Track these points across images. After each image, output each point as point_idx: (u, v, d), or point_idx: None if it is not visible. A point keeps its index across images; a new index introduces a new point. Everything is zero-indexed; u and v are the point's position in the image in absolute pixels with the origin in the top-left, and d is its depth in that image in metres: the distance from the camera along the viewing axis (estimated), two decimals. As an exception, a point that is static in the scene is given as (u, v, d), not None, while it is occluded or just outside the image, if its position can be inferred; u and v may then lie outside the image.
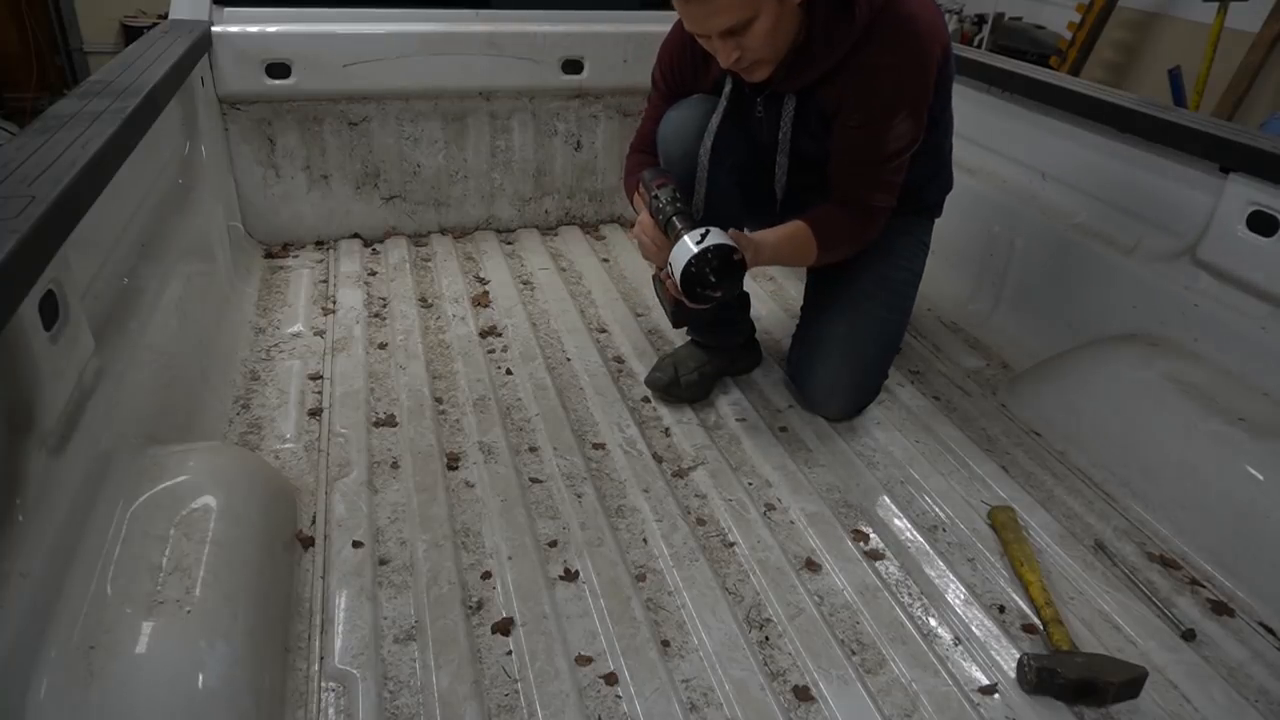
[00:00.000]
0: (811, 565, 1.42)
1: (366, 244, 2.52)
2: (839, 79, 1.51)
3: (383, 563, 1.36)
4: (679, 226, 1.48)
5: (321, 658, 1.19)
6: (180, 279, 1.71)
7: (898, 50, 1.47)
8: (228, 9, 2.21)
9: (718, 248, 1.42)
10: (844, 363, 1.76)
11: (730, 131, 1.66)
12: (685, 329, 1.93)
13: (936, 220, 1.87)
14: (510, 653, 1.22)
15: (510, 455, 1.62)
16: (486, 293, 2.25)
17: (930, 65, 1.50)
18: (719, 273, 1.44)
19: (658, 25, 1.74)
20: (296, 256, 2.42)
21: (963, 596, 1.36)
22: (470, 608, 1.29)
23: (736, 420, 1.79)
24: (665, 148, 1.70)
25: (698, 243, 1.42)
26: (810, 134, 1.61)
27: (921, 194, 1.75)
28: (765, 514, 1.52)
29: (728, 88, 1.64)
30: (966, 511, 1.55)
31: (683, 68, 1.70)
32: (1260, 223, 1.59)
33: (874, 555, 1.45)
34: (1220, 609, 1.37)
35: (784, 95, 1.58)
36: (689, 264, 1.42)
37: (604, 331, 2.11)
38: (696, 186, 1.68)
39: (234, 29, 2.19)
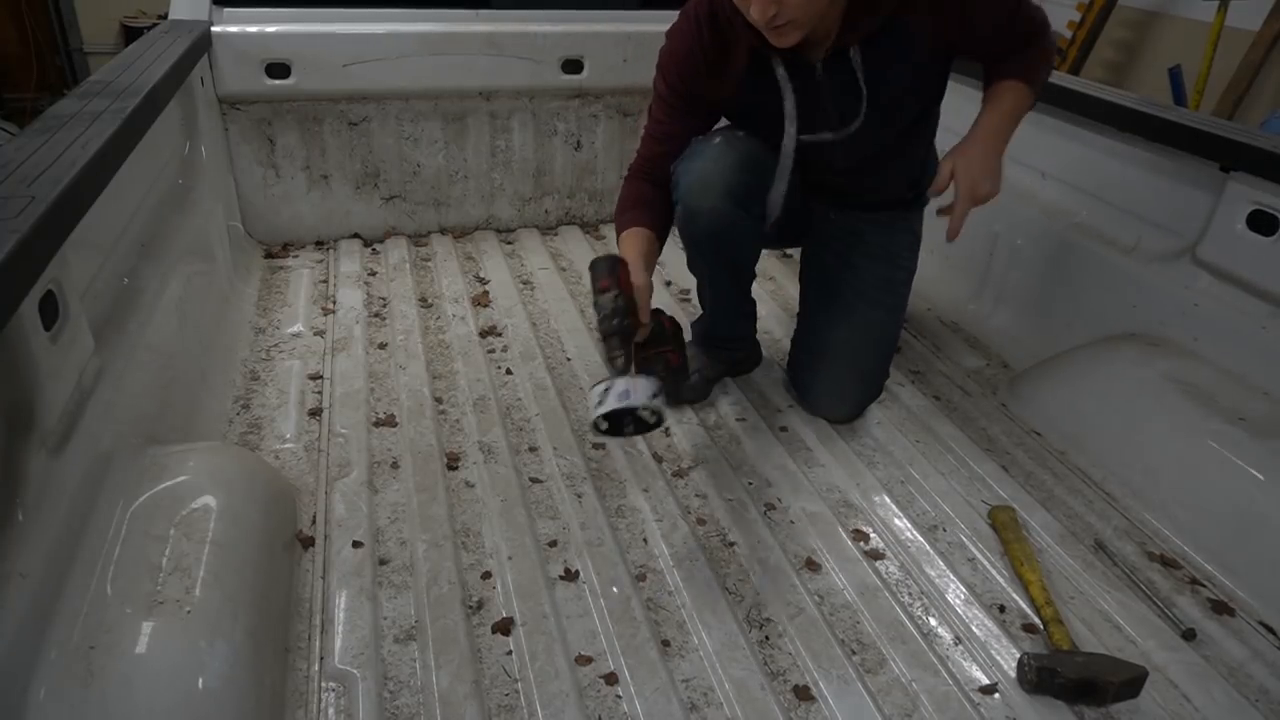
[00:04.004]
0: (811, 565, 1.42)
1: (366, 244, 2.52)
2: (915, 12, 1.43)
3: (383, 563, 1.36)
4: (611, 354, 1.36)
5: (321, 658, 1.19)
6: (180, 279, 1.71)
7: None
8: (227, 9, 2.20)
9: (614, 415, 1.31)
10: (846, 368, 1.76)
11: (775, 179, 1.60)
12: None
13: (936, 220, 1.86)
14: (510, 653, 1.22)
15: (510, 455, 1.62)
16: (486, 293, 2.25)
17: None
18: (635, 426, 1.34)
19: (658, 25, 1.72)
20: (296, 256, 2.42)
21: (963, 596, 1.36)
22: (470, 608, 1.29)
23: (736, 420, 1.78)
24: (689, 201, 1.57)
25: (599, 403, 1.30)
26: (881, 87, 1.52)
27: (918, 184, 1.74)
28: (765, 514, 1.52)
29: (781, 70, 1.51)
30: (966, 511, 1.55)
31: (695, 77, 1.56)
32: (1260, 222, 1.59)
33: (874, 555, 1.45)
34: (1220, 609, 1.37)
35: (847, 50, 1.48)
36: (595, 422, 1.32)
37: (604, 331, 2.10)
38: (776, 181, 1.61)
39: (234, 29, 2.19)
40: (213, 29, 2.16)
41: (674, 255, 1.74)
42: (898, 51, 1.48)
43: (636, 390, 1.30)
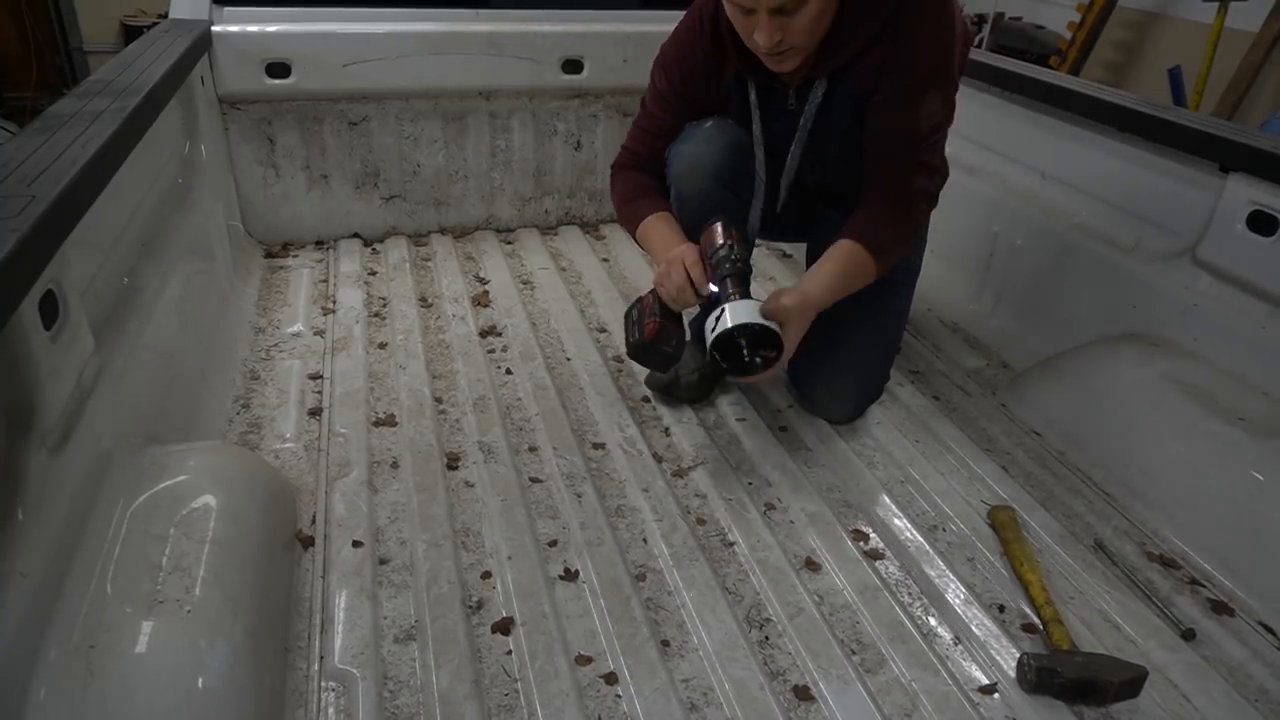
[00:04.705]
0: (811, 565, 1.42)
1: (366, 244, 2.52)
2: (873, 52, 1.45)
3: (383, 562, 1.36)
4: (730, 290, 1.44)
5: (321, 657, 1.18)
6: (180, 278, 1.71)
7: (930, 19, 1.43)
8: (228, 8, 2.20)
9: (765, 330, 1.41)
10: (847, 368, 1.75)
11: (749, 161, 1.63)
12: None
13: (935, 220, 1.86)
14: (510, 652, 1.22)
15: (510, 455, 1.62)
16: (486, 292, 2.25)
17: (956, 38, 1.47)
18: (754, 347, 1.43)
19: (658, 25, 1.72)
20: (296, 256, 2.42)
21: (963, 596, 1.36)
22: (470, 607, 1.29)
23: (736, 420, 1.78)
24: (680, 184, 1.62)
25: (717, 321, 1.41)
26: (839, 122, 1.54)
27: None
28: (765, 513, 1.52)
29: (753, 95, 1.56)
30: (966, 511, 1.55)
31: (693, 77, 1.60)
32: (1260, 222, 1.59)
33: (874, 555, 1.45)
34: (1220, 609, 1.37)
35: (815, 80, 1.51)
36: (734, 330, 1.40)
37: (604, 331, 2.11)
38: (752, 206, 1.65)
39: (234, 28, 2.19)
40: (213, 28, 2.17)
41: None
42: (858, 89, 1.50)
43: (755, 311, 1.40)
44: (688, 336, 1.67)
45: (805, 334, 1.48)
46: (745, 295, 1.45)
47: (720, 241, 1.49)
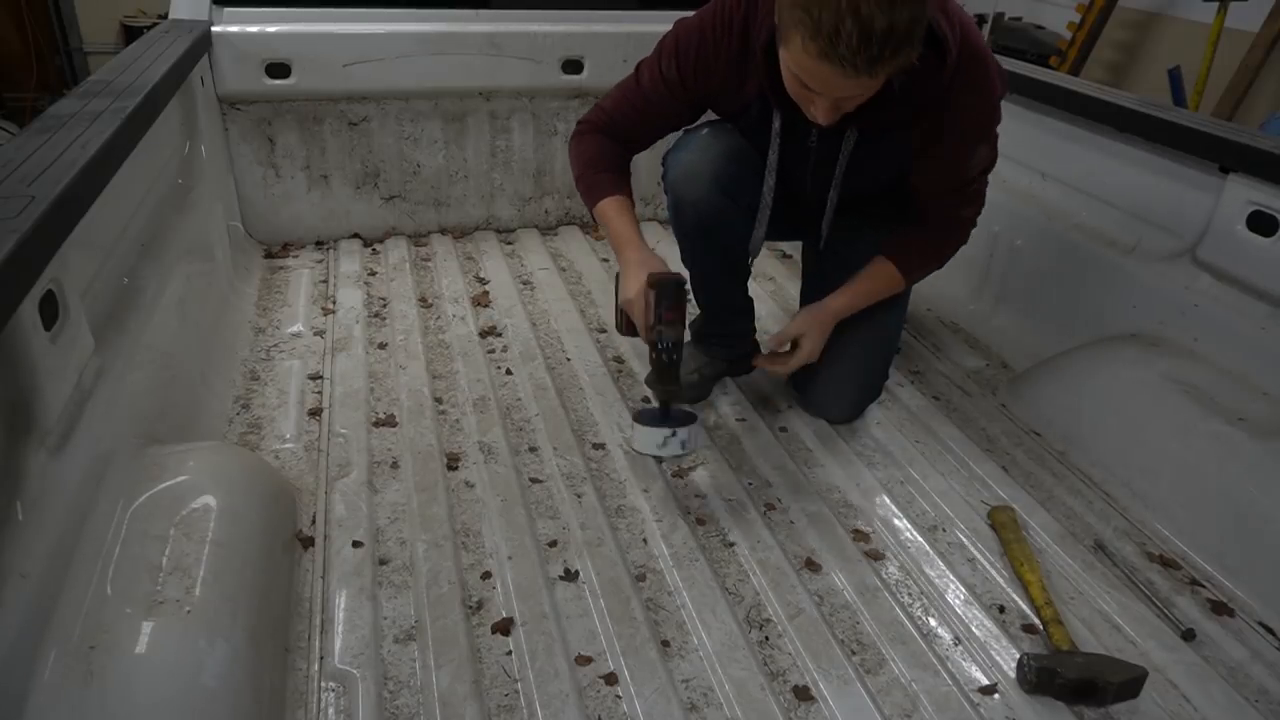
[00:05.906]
0: (811, 565, 1.42)
1: (366, 244, 2.52)
2: (920, 116, 1.45)
3: (383, 563, 1.36)
4: (666, 391, 1.46)
5: (321, 658, 1.19)
6: (180, 279, 1.71)
7: (980, 89, 1.45)
8: (227, 9, 2.20)
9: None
10: (846, 369, 1.75)
11: (756, 174, 1.60)
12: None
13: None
14: (510, 653, 1.22)
15: (510, 455, 1.62)
16: (486, 293, 2.25)
17: (998, 92, 1.50)
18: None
19: (658, 25, 1.71)
20: (296, 256, 2.42)
21: (963, 596, 1.36)
22: (470, 608, 1.29)
23: (736, 420, 1.78)
24: (678, 192, 1.61)
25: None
26: (865, 168, 1.54)
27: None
28: (765, 514, 1.52)
29: (777, 124, 1.51)
30: (966, 511, 1.55)
31: (709, 78, 1.53)
32: (1260, 223, 1.59)
33: (874, 555, 1.45)
34: (1220, 609, 1.37)
35: (846, 129, 1.48)
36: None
37: (604, 331, 2.11)
38: (756, 227, 1.64)
39: (234, 29, 2.19)
40: (213, 29, 2.17)
41: (671, 252, 1.74)
42: (885, 148, 1.52)
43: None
44: (687, 336, 1.66)
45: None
46: (663, 399, 1.46)
47: (659, 327, 1.45)
